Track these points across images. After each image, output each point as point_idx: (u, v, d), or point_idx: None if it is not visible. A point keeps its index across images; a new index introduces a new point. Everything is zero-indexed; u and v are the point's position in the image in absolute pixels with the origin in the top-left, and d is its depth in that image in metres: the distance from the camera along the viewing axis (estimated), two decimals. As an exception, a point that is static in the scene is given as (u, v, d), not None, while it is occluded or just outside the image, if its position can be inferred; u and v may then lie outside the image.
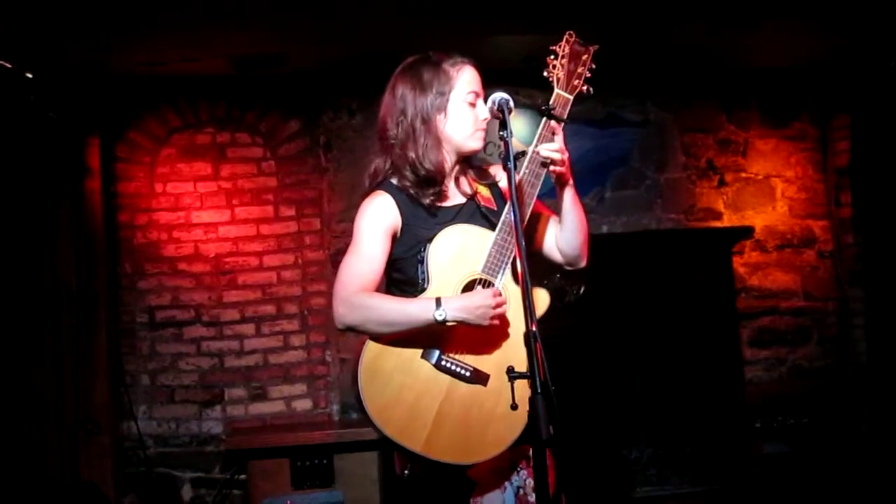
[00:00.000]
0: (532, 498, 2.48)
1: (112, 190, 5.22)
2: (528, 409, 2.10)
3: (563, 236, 2.62)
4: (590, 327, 4.95)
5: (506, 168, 2.29)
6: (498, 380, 2.41)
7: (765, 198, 5.83)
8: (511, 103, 2.39)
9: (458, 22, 4.48)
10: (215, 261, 5.29)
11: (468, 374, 2.43)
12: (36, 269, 4.93)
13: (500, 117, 2.37)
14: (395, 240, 2.56)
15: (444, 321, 2.37)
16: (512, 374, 2.33)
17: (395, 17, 4.35)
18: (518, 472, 2.53)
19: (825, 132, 5.92)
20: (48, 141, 4.88)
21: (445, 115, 2.55)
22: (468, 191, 2.62)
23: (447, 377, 2.43)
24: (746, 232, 5.62)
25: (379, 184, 2.62)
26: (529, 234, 2.64)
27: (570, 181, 2.55)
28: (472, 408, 2.41)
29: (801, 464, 5.53)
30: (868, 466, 5.46)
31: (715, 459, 5.19)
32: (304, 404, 5.33)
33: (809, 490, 5.21)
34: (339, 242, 5.35)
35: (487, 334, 2.43)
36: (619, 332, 5.09)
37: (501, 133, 2.33)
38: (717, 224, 5.71)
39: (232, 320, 5.29)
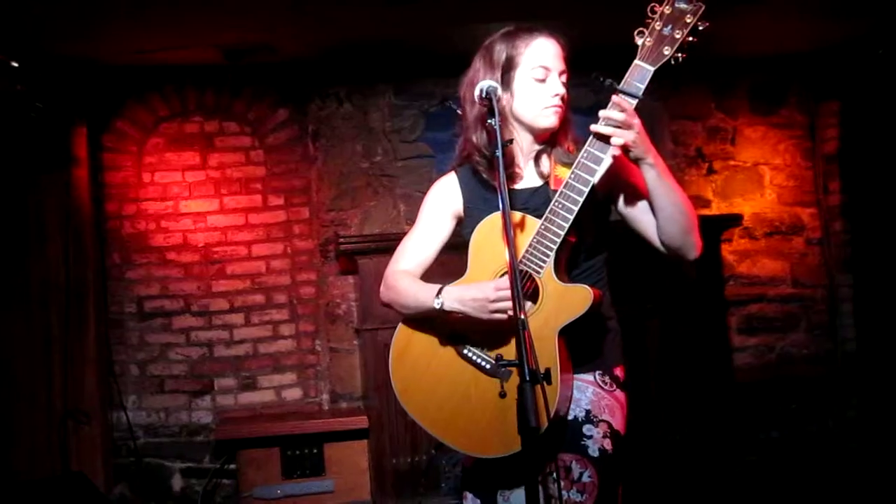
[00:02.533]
0: None
1: (99, 179, 5.20)
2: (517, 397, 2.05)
3: (658, 224, 2.37)
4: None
5: (493, 157, 2.24)
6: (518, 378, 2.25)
7: (753, 185, 5.84)
8: (499, 90, 2.29)
9: (446, 10, 4.47)
10: (204, 250, 5.28)
11: (489, 367, 2.36)
12: (23, 259, 4.91)
13: (487, 105, 2.28)
14: (462, 221, 2.55)
15: (443, 309, 2.35)
16: (501, 362, 2.31)
17: (382, 6, 4.33)
18: (554, 480, 2.35)
19: (813, 119, 5.93)
20: (35, 131, 4.85)
21: (511, 92, 2.42)
22: (546, 173, 2.47)
23: (470, 367, 2.38)
24: (735, 219, 5.63)
25: (457, 165, 2.58)
26: (633, 221, 2.45)
27: (649, 159, 2.26)
28: (489, 402, 2.33)
29: (790, 449, 5.56)
30: (855, 452, 5.50)
31: (704, 446, 5.21)
32: (294, 393, 5.33)
33: (799, 475, 5.24)
34: (327, 231, 5.35)
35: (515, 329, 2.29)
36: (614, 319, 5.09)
37: (490, 121, 2.26)
38: (706, 212, 5.71)
39: (221, 310, 5.28)
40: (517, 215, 2.36)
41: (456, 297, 2.34)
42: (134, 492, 5.10)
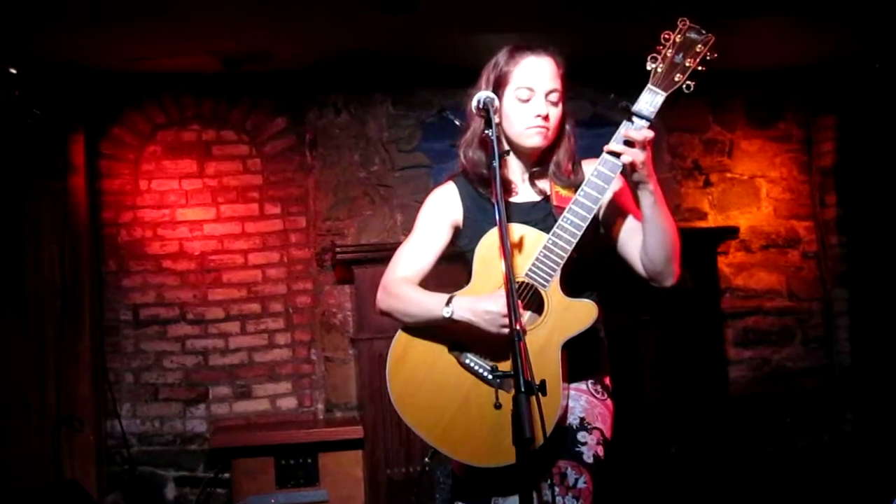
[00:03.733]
0: None
1: (96, 187, 5.19)
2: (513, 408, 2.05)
3: (644, 248, 2.41)
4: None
5: (490, 168, 2.24)
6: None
7: (750, 198, 5.85)
8: (496, 102, 2.31)
9: (445, 20, 4.48)
10: (200, 259, 5.27)
11: (490, 375, 2.35)
12: (19, 265, 4.91)
13: (485, 116, 2.30)
14: (459, 232, 2.54)
15: (452, 318, 2.34)
16: (496, 373, 2.31)
17: (380, 16, 4.34)
18: (550, 486, 2.37)
19: (810, 133, 5.94)
20: (32, 137, 4.85)
21: (499, 112, 2.41)
22: (545, 190, 2.49)
23: (471, 376, 2.38)
24: (731, 232, 5.63)
25: (456, 176, 2.58)
26: (619, 242, 2.50)
27: (650, 185, 2.31)
28: (489, 410, 2.33)
29: (785, 463, 5.55)
30: (849, 466, 5.50)
31: (699, 459, 5.20)
32: (288, 403, 5.31)
33: (794, 489, 5.23)
34: (324, 240, 5.34)
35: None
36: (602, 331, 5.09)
37: (487, 132, 2.27)
38: (703, 224, 5.72)
39: (217, 318, 5.27)
40: (523, 228, 2.39)
41: (468, 307, 2.33)
42: (127, 500, 5.08)
